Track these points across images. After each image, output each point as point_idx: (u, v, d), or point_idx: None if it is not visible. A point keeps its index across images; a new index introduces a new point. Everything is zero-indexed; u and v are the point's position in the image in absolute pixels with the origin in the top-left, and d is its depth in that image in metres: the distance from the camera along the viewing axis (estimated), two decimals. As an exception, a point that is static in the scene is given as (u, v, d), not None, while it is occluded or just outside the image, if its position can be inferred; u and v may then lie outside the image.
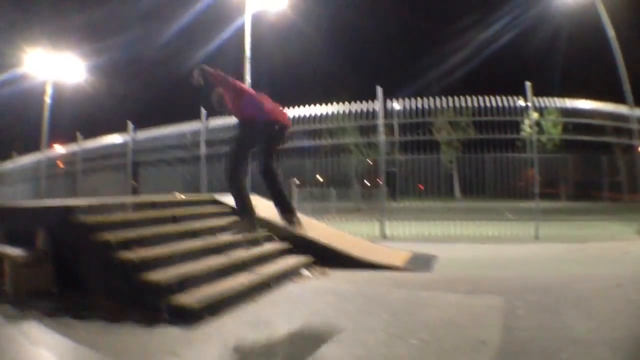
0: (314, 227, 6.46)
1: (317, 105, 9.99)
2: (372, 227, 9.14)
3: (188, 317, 3.53)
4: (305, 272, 5.22)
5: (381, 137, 9.57)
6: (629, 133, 9.92)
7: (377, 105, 9.55)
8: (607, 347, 3.26)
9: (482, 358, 2.97)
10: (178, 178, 11.22)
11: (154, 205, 5.64)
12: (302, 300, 4.26)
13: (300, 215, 4.44)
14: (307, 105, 10.06)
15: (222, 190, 6.58)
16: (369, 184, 15.71)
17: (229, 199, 6.35)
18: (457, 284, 4.85)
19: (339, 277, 5.15)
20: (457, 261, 6.44)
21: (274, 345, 3.27)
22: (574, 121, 9.87)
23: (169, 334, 3.36)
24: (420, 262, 5.98)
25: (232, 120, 10.00)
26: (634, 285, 4.70)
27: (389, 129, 10.04)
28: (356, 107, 9.67)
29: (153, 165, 12.34)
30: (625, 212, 9.85)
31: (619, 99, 10.73)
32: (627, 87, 11.07)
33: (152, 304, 3.67)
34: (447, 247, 7.73)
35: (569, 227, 9.16)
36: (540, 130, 13.36)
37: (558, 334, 3.44)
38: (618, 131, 10.56)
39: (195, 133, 11.27)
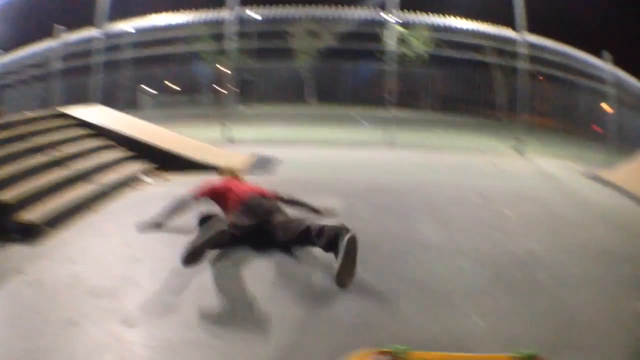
0: (157, 134, 6.90)
1: (170, 13, 9.93)
2: (219, 132, 9.32)
3: (33, 233, 3.75)
4: (146, 178, 5.76)
5: (231, 45, 9.83)
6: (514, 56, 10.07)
7: (229, 13, 9.72)
8: (466, 257, 3.57)
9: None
10: (37, 97, 11.01)
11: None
12: (139, 206, 4.70)
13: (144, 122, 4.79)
14: (160, 14, 9.95)
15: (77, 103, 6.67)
16: (221, 91, 15.56)
17: (76, 112, 6.54)
18: (297, 186, 5.40)
19: (178, 182, 5.72)
20: (303, 164, 7.02)
21: (111, 252, 3.63)
22: (443, 38, 10.37)
23: (15, 252, 3.50)
24: (261, 165, 6.76)
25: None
26: (501, 198, 5.26)
27: (244, 36, 10.32)
28: (210, 15, 9.82)
29: (13, 87, 12.54)
30: (502, 130, 10.03)
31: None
32: (519, 11, 10.19)
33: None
34: (294, 151, 8.30)
35: (430, 136, 9.29)
36: (406, 44, 14.10)
37: (408, 239, 3.85)
38: (502, 53, 11.01)
39: (51, 50, 11.07)
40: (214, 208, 4.08)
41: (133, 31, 10.48)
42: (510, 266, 3.49)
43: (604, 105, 10.46)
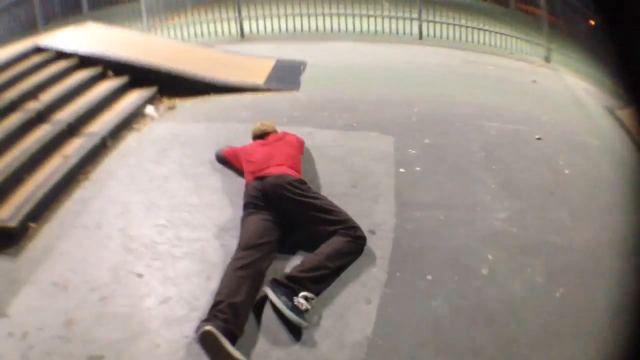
0: (157, 48, 5.68)
1: None
2: (229, 26, 7.62)
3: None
4: (149, 110, 4.73)
5: None
6: None
7: None
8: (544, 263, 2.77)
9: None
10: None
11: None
12: (142, 162, 3.78)
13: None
14: None
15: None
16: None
17: (53, 41, 5.35)
18: (332, 111, 4.54)
19: (188, 113, 4.68)
20: (329, 70, 5.77)
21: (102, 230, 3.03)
22: None
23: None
24: (286, 76, 5.43)
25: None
26: (556, 142, 4.16)
27: None
28: None
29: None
30: (532, 29, 8.29)
31: None
32: None
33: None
34: (317, 47, 6.88)
35: (461, 30, 7.58)
36: None
37: (472, 221, 3.07)
38: None
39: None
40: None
41: None
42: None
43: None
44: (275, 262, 2.64)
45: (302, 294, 2.31)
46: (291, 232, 2.81)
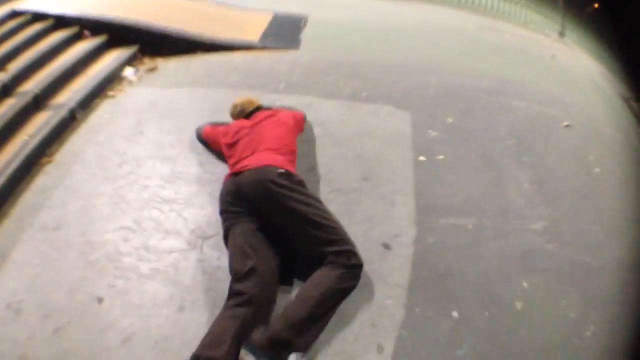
0: (139, 3, 4.94)
1: None
2: None
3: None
4: (127, 73, 4.16)
5: None
6: None
7: None
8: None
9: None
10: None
11: None
12: (110, 143, 3.25)
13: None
14: None
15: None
16: None
17: (30, 4, 4.68)
18: (338, 76, 3.90)
19: (170, 75, 4.10)
20: (333, 28, 5.02)
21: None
22: None
23: None
24: (285, 32, 4.73)
25: None
26: (584, 132, 3.56)
27: None
28: None
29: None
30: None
31: None
32: None
33: None
34: (319, 1, 5.86)
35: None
36: None
37: (505, 233, 2.54)
38: None
39: None
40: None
41: None
42: None
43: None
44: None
45: (291, 357, 1.88)
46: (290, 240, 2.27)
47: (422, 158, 3.03)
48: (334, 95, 3.67)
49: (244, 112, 2.98)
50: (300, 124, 3.04)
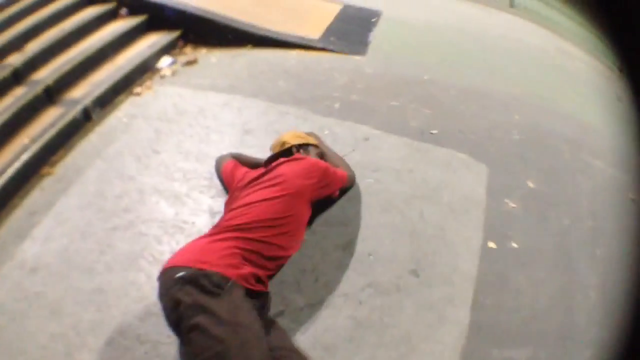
0: None
1: None
2: None
3: None
4: (163, 64, 3.58)
5: None
6: None
7: None
8: None
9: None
10: None
11: None
12: (118, 160, 2.70)
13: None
14: None
15: None
16: None
17: None
18: (407, 99, 3.13)
19: (209, 73, 3.46)
20: (408, 30, 4.20)
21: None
22: None
23: None
24: (352, 30, 3.91)
25: None
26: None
27: None
28: None
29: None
30: None
31: None
32: None
33: None
34: None
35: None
36: None
37: None
38: None
39: None
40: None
41: None
42: None
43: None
44: None
45: None
46: None
47: (492, 245, 2.24)
48: (398, 127, 2.90)
49: (276, 148, 2.31)
50: (333, 186, 2.18)
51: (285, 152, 2.26)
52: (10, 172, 2.60)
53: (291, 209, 1.86)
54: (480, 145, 2.80)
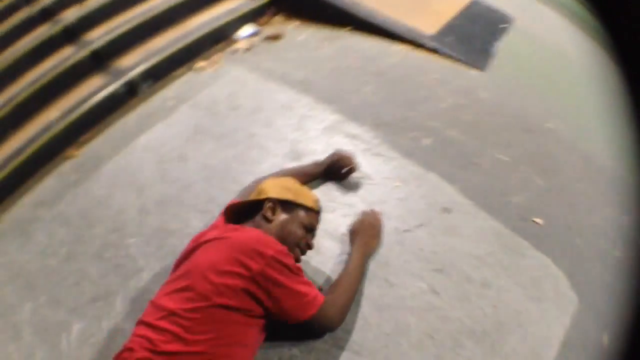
0: None
1: None
2: None
3: None
4: (243, 34, 2.98)
5: None
6: None
7: None
8: None
9: None
10: None
11: None
12: (144, 155, 2.26)
13: None
14: None
15: None
16: None
17: None
18: (516, 155, 2.18)
19: (290, 56, 2.79)
20: (537, 49, 3.02)
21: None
22: None
23: None
24: (475, 33, 2.89)
25: None
26: None
27: None
28: None
29: None
30: None
31: None
32: None
33: None
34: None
35: None
36: None
37: None
38: None
39: None
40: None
41: None
42: None
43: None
44: None
45: None
46: None
47: None
48: (495, 199, 1.97)
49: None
50: (281, 302, 1.32)
51: (254, 205, 1.59)
52: (30, 148, 2.32)
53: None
54: (586, 258, 1.82)
